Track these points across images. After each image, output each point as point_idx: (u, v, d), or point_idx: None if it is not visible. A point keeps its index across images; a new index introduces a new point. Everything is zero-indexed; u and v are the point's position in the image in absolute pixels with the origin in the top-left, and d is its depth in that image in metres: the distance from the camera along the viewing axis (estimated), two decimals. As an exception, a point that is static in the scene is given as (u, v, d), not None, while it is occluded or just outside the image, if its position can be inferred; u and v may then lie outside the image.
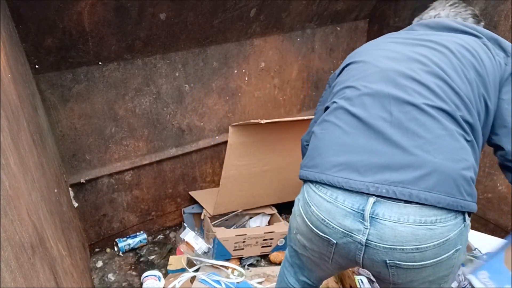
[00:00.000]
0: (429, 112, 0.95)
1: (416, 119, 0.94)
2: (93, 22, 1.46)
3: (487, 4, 1.79)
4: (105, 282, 1.94)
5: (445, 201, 0.89)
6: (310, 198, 1.03)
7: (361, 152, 0.97)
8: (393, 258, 0.93)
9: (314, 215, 1.02)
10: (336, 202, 0.97)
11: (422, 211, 0.89)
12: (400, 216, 0.90)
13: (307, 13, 2.06)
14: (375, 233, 0.92)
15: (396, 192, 0.91)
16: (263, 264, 2.02)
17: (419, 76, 0.99)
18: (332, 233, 0.99)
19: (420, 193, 0.89)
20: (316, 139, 1.08)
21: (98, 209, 1.99)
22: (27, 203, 0.87)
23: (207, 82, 2.01)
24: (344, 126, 1.02)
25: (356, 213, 0.94)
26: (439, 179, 0.90)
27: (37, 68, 1.54)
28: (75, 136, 1.77)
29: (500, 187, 1.92)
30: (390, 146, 0.94)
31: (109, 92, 1.77)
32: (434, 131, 0.93)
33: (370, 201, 0.92)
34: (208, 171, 2.26)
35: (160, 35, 1.70)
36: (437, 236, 0.90)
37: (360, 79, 1.06)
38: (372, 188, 0.92)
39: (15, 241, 0.70)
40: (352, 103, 1.03)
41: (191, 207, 2.23)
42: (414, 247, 0.90)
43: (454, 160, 0.92)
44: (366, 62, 1.10)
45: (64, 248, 1.24)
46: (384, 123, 0.96)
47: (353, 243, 0.96)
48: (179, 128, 2.04)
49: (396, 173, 0.92)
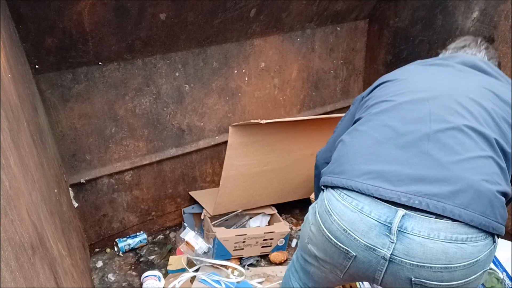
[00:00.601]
0: (468, 133, 0.94)
1: (455, 137, 0.94)
2: (93, 22, 1.46)
3: (487, 4, 1.79)
4: (105, 282, 1.94)
5: (478, 220, 0.87)
6: (332, 206, 0.98)
7: (394, 163, 0.94)
8: (420, 276, 0.89)
9: (335, 224, 0.96)
10: (361, 213, 0.92)
11: (453, 228, 0.86)
12: (430, 231, 0.86)
13: (307, 13, 2.06)
14: (401, 248, 0.88)
15: (429, 205, 0.87)
16: (263, 264, 2.02)
17: (461, 99, 1.00)
18: (353, 245, 0.94)
19: (455, 208, 0.86)
20: (345, 146, 1.05)
21: (98, 209, 1.99)
22: (27, 203, 0.87)
23: (207, 82, 2.01)
24: (378, 136, 0.99)
25: (383, 225, 0.90)
26: (474, 197, 0.87)
27: (37, 68, 1.54)
28: (75, 136, 1.77)
29: (500, 187, 1.92)
30: (426, 159, 0.92)
31: (109, 92, 1.77)
32: (472, 151, 0.92)
33: (399, 214, 0.88)
34: (208, 171, 2.26)
35: (160, 35, 1.70)
36: (468, 256, 0.87)
37: (399, 95, 1.05)
38: (404, 198, 0.89)
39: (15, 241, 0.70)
40: (389, 115, 1.01)
41: (191, 207, 2.23)
42: (443, 266, 0.87)
43: (490, 182, 0.90)
44: (404, 80, 1.09)
45: (64, 248, 1.24)
46: (422, 136, 0.95)
47: (375, 258, 0.92)
48: (179, 128, 2.04)
49: (430, 185, 0.89)
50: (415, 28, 2.15)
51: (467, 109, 0.98)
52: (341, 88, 2.53)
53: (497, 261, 1.67)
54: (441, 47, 2.03)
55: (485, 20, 1.82)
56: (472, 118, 0.97)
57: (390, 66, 2.33)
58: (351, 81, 2.55)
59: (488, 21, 1.81)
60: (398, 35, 2.26)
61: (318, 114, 2.43)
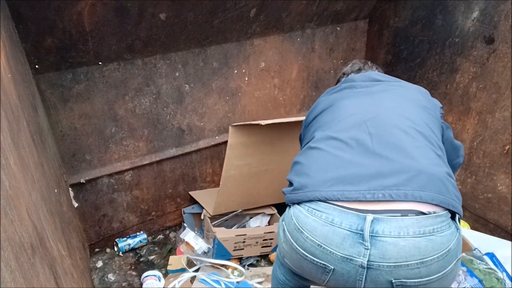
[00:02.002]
0: (403, 129, 1.04)
1: (393, 134, 1.03)
2: (93, 22, 1.46)
3: (487, 4, 1.79)
4: (105, 282, 1.94)
5: (438, 198, 0.93)
6: (302, 223, 0.99)
7: (349, 167, 1.00)
8: (399, 276, 0.90)
9: (308, 240, 0.97)
10: (333, 225, 0.94)
11: (419, 222, 0.90)
12: (400, 230, 0.89)
13: (307, 13, 2.06)
14: (376, 253, 0.90)
15: (392, 195, 0.92)
16: (263, 264, 2.02)
17: (382, 107, 1.13)
18: (329, 259, 0.95)
19: (415, 192, 0.92)
20: (301, 165, 1.10)
21: (98, 209, 1.99)
22: (27, 203, 0.87)
23: (207, 82, 2.01)
24: (327, 148, 1.06)
25: (355, 234, 0.92)
26: (428, 179, 0.94)
27: (37, 68, 1.54)
28: (75, 136, 1.77)
29: (500, 187, 1.92)
30: (375, 158, 0.99)
31: (109, 92, 1.77)
32: (411, 143, 1.02)
33: (368, 219, 0.91)
34: (208, 171, 2.26)
35: (160, 35, 1.70)
36: (438, 247, 0.90)
37: (335, 121, 1.16)
38: (369, 195, 0.93)
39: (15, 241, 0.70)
40: (331, 130, 1.11)
41: (191, 207, 2.23)
42: (419, 261, 0.89)
43: (436, 165, 0.99)
44: (335, 109, 1.21)
45: (64, 248, 1.24)
46: (366, 139, 1.03)
47: (353, 268, 0.93)
48: (179, 128, 2.04)
49: (387, 178, 0.95)
50: (415, 28, 2.15)
51: (398, 114, 1.10)
52: (341, 88, 2.53)
53: (497, 261, 1.67)
54: (441, 47, 2.04)
55: (485, 20, 1.82)
56: (402, 117, 1.08)
57: (390, 66, 2.33)
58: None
59: (488, 21, 1.81)
60: (398, 35, 2.26)
61: (318, 114, 2.43)
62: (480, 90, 1.92)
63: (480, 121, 1.94)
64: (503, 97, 1.82)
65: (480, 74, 1.90)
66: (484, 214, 2.04)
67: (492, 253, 1.69)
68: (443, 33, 2.01)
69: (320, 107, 1.27)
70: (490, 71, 1.85)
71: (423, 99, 1.20)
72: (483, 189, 2.01)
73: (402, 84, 1.28)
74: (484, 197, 2.01)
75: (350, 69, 1.51)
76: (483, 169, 1.98)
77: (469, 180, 2.07)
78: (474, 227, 2.06)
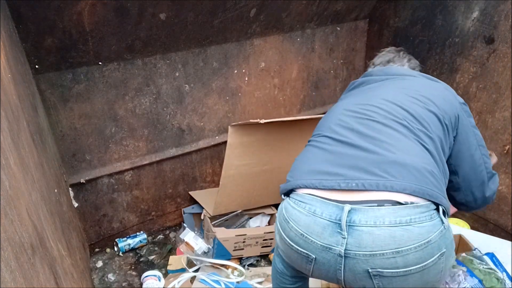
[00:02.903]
0: (384, 123, 1.07)
1: (374, 128, 1.07)
2: (93, 22, 1.46)
3: (487, 4, 1.79)
4: (105, 282, 1.94)
5: (410, 187, 0.93)
6: (289, 214, 1.05)
7: (331, 159, 1.07)
8: (375, 266, 0.91)
9: (293, 230, 1.03)
10: (315, 215, 0.99)
11: (395, 212, 0.91)
12: (376, 219, 0.91)
13: (307, 13, 2.06)
14: (353, 242, 0.92)
15: (364, 184, 0.96)
16: (263, 264, 2.02)
17: (377, 103, 1.14)
18: (311, 248, 1.00)
19: (386, 181, 0.94)
20: (296, 161, 1.19)
21: (98, 209, 1.99)
22: (27, 203, 0.87)
23: (207, 82, 2.01)
24: (316, 144, 1.15)
25: (334, 223, 0.95)
26: (402, 170, 0.96)
27: (37, 68, 1.54)
28: (75, 136, 1.77)
29: (500, 187, 1.92)
30: (356, 150, 1.04)
31: (109, 92, 1.77)
32: (392, 136, 1.04)
33: (346, 209, 0.94)
34: (208, 171, 2.26)
35: (160, 35, 1.70)
36: (415, 237, 0.89)
37: (329, 118, 1.22)
38: (343, 183, 0.98)
39: (15, 241, 0.70)
40: (324, 128, 1.19)
41: (191, 207, 2.23)
42: (394, 251, 0.89)
43: (414, 155, 1.00)
44: (333, 107, 1.30)
45: (64, 248, 1.24)
46: (347, 134, 1.09)
47: (332, 257, 0.96)
48: (179, 128, 2.04)
49: (362, 169, 0.99)
50: (415, 28, 2.15)
51: (378, 106, 1.12)
52: (341, 88, 2.53)
53: (497, 261, 1.67)
54: (441, 47, 2.04)
55: (485, 20, 1.82)
56: (384, 112, 1.10)
57: (390, 66, 2.33)
58: (351, 81, 2.55)
59: (488, 21, 1.81)
60: (398, 35, 2.26)
61: (318, 113, 2.43)
62: (480, 90, 1.92)
63: (480, 121, 1.94)
64: (503, 97, 1.82)
65: (480, 74, 1.90)
66: (484, 214, 2.04)
67: (492, 253, 1.69)
68: (443, 33, 2.01)
69: None
70: (490, 71, 1.85)
71: (439, 95, 1.16)
72: (483, 189, 2.01)
73: (419, 78, 1.26)
74: (484, 197, 2.01)
75: (379, 60, 1.47)
76: (483, 169, 1.98)
77: (469, 180, 2.07)
78: (474, 227, 2.06)
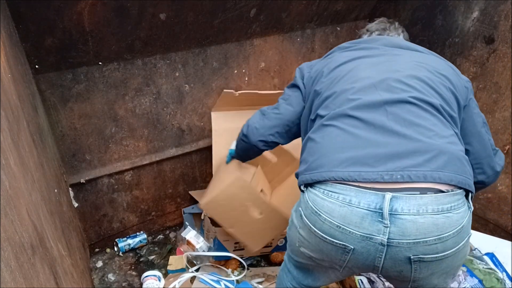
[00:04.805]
0: (418, 104, 1.01)
1: (410, 111, 1.00)
2: (93, 22, 1.46)
3: (487, 4, 1.79)
4: (105, 282, 1.94)
5: (456, 178, 0.93)
6: (319, 206, 0.98)
7: (366, 146, 0.98)
8: (417, 253, 0.92)
9: (327, 222, 0.96)
10: (350, 205, 0.93)
11: (438, 200, 0.91)
12: (419, 207, 0.90)
13: (307, 13, 2.06)
14: (396, 230, 0.91)
15: (411, 176, 0.92)
16: (263, 264, 2.02)
17: (401, 77, 1.06)
18: (349, 239, 0.95)
19: (434, 173, 0.92)
20: (317, 144, 1.07)
21: (98, 209, 1.99)
22: (27, 203, 0.87)
23: (207, 82, 2.01)
24: (343, 126, 1.03)
25: (374, 212, 0.92)
26: (447, 159, 0.94)
27: (37, 68, 1.54)
28: (75, 136, 1.77)
29: (500, 187, 1.92)
30: (393, 136, 0.97)
31: (109, 92, 1.77)
32: (429, 120, 0.99)
33: (387, 198, 0.91)
34: (208, 171, 2.26)
35: (160, 35, 1.70)
36: (454, 223, 0.92)
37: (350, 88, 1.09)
38: (387, 176, 0.93)
39: (15, 241, 0.70)
40: (347, 105, 1.06)
41: (191, 207, 2.23)
42: (436, 238, 0.91)
43: (453, 143, 0.98)
44: (348, 73, 1.14)
45: (64, 248, 1.24)
46: (382, 118, 1.00)
47: (373, 246, 0.93)
48: (179, 128, 2.04)
49: (405, 159, 0.93)
50: (415, 28, 2.15)
51: (408, 84, 1.05)
52: (341, 88, 2.53)
53: (497, 261, 1.67)
54: (441, 47, 2.04)
55: (485, 20, 1.82)
56: (415, 91, 1.03)
57: (390, 66, 2.33)
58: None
59: (488, 21, 1.81)
60: (398, 35, 2.26)
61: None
62: (480, 90, 1.92)
63: (480, 121, 1.94)
64: (503, 97, 1.82)
65: (480, 74, 1.90)
66: (484, 214, 2.04)
67: (492, 253, 1.69)
68: (443, 33, 2.01)
69: (331, 66, 1.19)
70: (490, 71, 1.85)
71: (451, 72, 1.15)
72: (483, 189, 2.01)
73: (429, 54, 1.22)
74: (484, 197, 2.01)
75: (375, 26, 1.40)
76: (483, 169, 1.98)
77: (469, 180, 2.07)
78: (474, 227, 2.06)
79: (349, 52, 1.24)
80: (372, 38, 1.32)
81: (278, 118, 1.31)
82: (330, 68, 1.19)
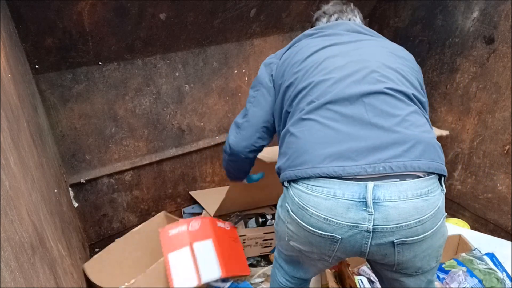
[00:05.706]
0: (393, 94, 1.04)
1: (386, 102, 1.02)
2: (93, 22, 1.46)
3: (487, 4, 1.79)
4: (105, 282, 1.94)
5: (433, 165, 0.98)
6: (305, 201, 1.00)
7: (347, 140, 1.00)
8: (400, 236, 0.96)
9: (314, 216, 0.99)
10: (335, 198, 0.97)
11: (416, 185, 0.96)
12: (399, 194, 0.94)
13: (307, 13, 2.06)
14: (380, 217, 0.95)
15: (392, 167, 0.96)
16: (263, 264, 2.02)
17: (375, 67, 1.08)
18: (336, 230, 0.98)
19: (413, 162, 0.96)
20: (296, 138, 1.07)
21: (98, 209, 1.99)
22: (27, 203, 0.87)
23: (207, 82, 2.01)
24: (323, 120, 1.04)
25: (358, 202, 0.95)
26: (423, 148, 0.98)
27: (37, 68, 1.54)
28: (75, 136, 1.77)
29: (500, 187, 1.92)
30: (372, 129, 1.00)
31: (109, 92, 1.77)
32: (404, 110, 1.02)
33: (370, 187, 0.95)
34: (208, 171, 2.26)
35: (160, 35, 1.70)
36: (431, 205, 0.97)
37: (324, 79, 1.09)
38: (369, 169, 0.96)
39: (15, 241, 0.70)
40: (324, 97, 1.06)
41: (191, 207, 2.23)
42: (416, 220, 0.95)
43: (427, 131, 1.03)
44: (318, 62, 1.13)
45: (64, 248, 1.24)
46: (360, 110, 1.02)
47: (359, 233, 0.97)
48: (179, 128, 2.04)
49: (385, 151, 0.97)
50: (415, 28, 2.15)
51: (383, 74, 1.07)
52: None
53: (497, 261, 1.67)
54: (441, 47, 2.04)
55: (485, 20, 1.82)
56: (390, 81, 1.06)
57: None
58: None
59: (488, 21, 1.81)
60: (398, 35, 2.26)
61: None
62: (480, 90, 1.92)
63: (480, 121, 1.94)
64: (503, 97, 1.82)
65: (480, 74, 1.90)
66: (484, 214, 2.04)
67: (492, 253, 1.70)
68: (443, 33, 2.01)
69: (303, 56, 1.18)
70: (490, 71, 1.85)
71: (410, 58, 1.19)
72: (483, 189, 2.01)
73: (386, 40, 1.25)
74: (484, 197, 2.02)
75: (332, 9, 1.39)
76: (483, 169, 1.98)
77: (469, 180, 2.07)
78: (474, 227, 2.06)
79: (317, 39, 1.23)
80: (335, 23, 1.31)
81: (252, 125, 1.31)
82: (302, 57, 1.18)
